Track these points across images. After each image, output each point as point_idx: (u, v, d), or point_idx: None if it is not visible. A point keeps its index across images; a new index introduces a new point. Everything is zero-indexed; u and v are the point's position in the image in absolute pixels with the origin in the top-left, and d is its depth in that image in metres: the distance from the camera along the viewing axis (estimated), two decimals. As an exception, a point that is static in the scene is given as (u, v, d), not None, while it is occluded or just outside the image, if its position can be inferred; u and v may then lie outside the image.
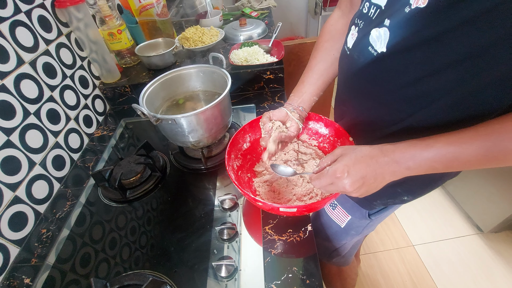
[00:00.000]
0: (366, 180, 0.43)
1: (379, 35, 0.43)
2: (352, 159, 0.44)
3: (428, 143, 0.40)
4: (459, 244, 1.42)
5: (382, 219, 0.71)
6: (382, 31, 0.42)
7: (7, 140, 0.63)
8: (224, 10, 1.52)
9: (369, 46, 0.45)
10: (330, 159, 0.48)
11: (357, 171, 0.43)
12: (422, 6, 0.35)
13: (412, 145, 0.41)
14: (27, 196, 0.67)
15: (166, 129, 0.69)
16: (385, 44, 0.42)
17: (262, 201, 0.51)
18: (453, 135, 0.39)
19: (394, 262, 1.39)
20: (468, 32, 0.34)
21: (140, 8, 1.06)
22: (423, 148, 0.40)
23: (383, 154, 0.43)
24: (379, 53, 0.43)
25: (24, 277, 0.59)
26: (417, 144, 0.41)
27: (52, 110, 0.77)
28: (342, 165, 0.44)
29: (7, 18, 0.65)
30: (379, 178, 0.43)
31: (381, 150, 0.43)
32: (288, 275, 0.52)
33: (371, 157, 0.43)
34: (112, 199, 0.71)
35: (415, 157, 0.40)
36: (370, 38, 0.44)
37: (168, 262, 0.58)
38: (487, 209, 1.37)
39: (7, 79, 0.65)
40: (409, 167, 0.41)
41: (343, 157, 0.46)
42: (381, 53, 0.43)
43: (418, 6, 0.36)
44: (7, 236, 0.61)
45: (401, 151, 0.41)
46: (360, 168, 0.43)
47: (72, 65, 0.86)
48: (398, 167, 0.42)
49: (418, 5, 0.36)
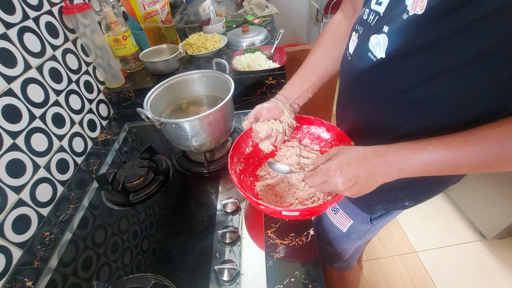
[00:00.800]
0: (359, 180, 0.44)
1: (378, 41, 0.43)
2: (345, 158, 0.45)
3: (420, 145, 0.40)
4: (462, 251, 1.41)
5: (384, 224, 0.71)
6: (381, 37, 0.42)
7: (12, 143, 0.64)
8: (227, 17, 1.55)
9: (369, 52, 0.46)
10: (325, 158, 0.49)
11: (350, 170, 0.44)
12: (420, 13, 0.36)
13: (404, 147, 0.41)
14: (31, 199, 0.67)
15: (169, 133, 0.70)
16: (384, 50, 0.42)
17: (265, 205, 0.52)
18: (444, 139, 0.39)
19: (397, 268, 1.38)
20: (462, 40, 0.34)
21: (145, 15, 1.08)
22: (415, 151, 0.40)
23: (376, 155, 0.43)
24: (378, 59, 0.44)
25: (26, 280, 0.59)
26: (409, 146, 0.41)
27: (57, 114, 0.78)
28: (335, 163, 0.45)
29: (15, 24, 0.67)
30: (371, 178, 0.43)
31: (374, 151, 0.44)
32: (290, 280, 0.52)
33: (364, 157, 0.44)
34: (115, 202, 0.72)
35: (407, 159, 0.41)
36: (370, 44, 0.45)
37: (170, 265, 0.58)
38: (490, 215, 1.36)
39: (14, 84, 0.66)
40: (401, 169, 0.41)
41: (336, 156, 0.47)
42: (380, 59, 0.43)
43: (416, 13, 0.36)
44: (10, 238, 0.62)
45: (394, 153, 0.42)
46: (353, 168, 0.44)
47: (78, 70, 0.88)
48: (391, 169, 0.42)
49: (416, 12, 0.36)
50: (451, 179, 0.54)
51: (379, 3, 0.44)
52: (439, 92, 0.40)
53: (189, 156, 0.82)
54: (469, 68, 0.36)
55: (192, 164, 0.78)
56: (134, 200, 0.71)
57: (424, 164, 0.40)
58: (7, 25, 0.65)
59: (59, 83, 0.80)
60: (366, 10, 0.48)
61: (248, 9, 1.53)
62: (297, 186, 0.65)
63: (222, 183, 0.74)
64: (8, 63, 0.65)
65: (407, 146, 0.41)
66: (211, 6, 1.44)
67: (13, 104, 0.65)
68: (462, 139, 0.38)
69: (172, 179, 0.77)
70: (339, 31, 0.62)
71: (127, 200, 0.70)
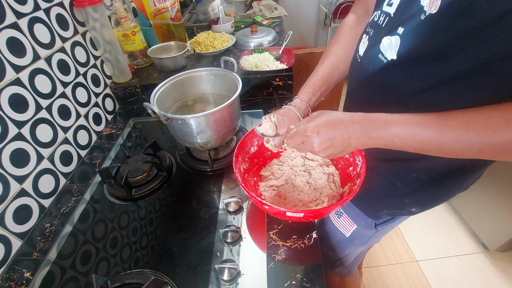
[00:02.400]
0: (333, 143, 0.45)
1: (390, 43, 0.43)
2: (323, 120, 0.46)
3: (394, 118, 0.41)
4: (464, 262, 1.39)
5: (388, 230, 0.70)
6: (394, 39, 0.42)
7: (18, 132, 0.64)
8: (236, 17, 1.55)
9: (379, 54, 0.45)
10: (307, 120, 0.49)
11: (326, 132, 0.45)
12: (434, 12, 0.35)
13: (379, 117, 0.42)
14: (33, 190, 0.67)
15: (175, 129, 0.69)
16: (395, 51, 0.42)
17: (269, 205, 0.51)
18: (418, 116, 0.39)
19: (397, 277, 1.36)
20: (472, 44, 0.34)
21: (155, 12, 1.09)
22: (387, 122, 0.41)
23: (352, 121, 0.44)
24: (389, 60, 0.43)
25: (25, 270, 0.59)
26: (384, 117, 0.42)
27: (63, 106, 0.78)
28: (313, 125, 0.46)
29: (26, 14, 0.67)
30: (345, 142, 0.45)
31: (352, 116, 0.45)
32: (291, 282, 0.51)
33: (341, 121, 0.45)
34: (117, 196, 0.71)
35: (378, 129, 0.41)
36: (381, 46, 0.45)
37: (170, 262, 0.57)
38: (494, 227, 1.34)
39: (23, 73, 0.66)
40: (371, 137, 0.42)
41: (316, 118, 0.47)
42: (391, 60, 0.43)
43: (431, 12, 0.36)
44: (10, 228, 0.61)
45: (368, 121, 0.43)
46: (329, 130, 0.45)
47: (86, 63, 0.88)
48: (363, 136, 0.43)
49: (431, 11, 0.36)
50: (460, 186, 0.53)
51: (390, 4, 0.44)
52: (449, 96, 0.39)
53: (193, 153, 0.81)
54: (480, 72, 0.35)
55: (196, 162, 0.78)
56: (137, 195, 0.70)
57: (393, 135, 0.40)
58: (18, 15, 0.65)
59: (67, 75, 0.80)
60: (377, 12, 0.48)
61: (257, 10, 1.53)
62: (301, 188, 0.64)
63: (225, 182, 0.73)
64: (17, 52, 0.65)
65: (382, 116, 0.42)
66: (221, 6, 1.45)
67: (20, 93, 0.65)
68: (434, 117, 0.37)
69: (175, 176, 0.77)
70: (356, 33, 0.61)
71: (129, 195, 0.70)
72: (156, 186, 0.72)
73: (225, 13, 1.47)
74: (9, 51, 0.63)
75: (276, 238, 0.59)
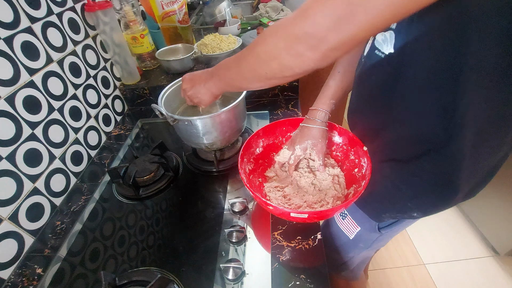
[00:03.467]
0: (195, 83, 0.59)
1: (384, 38, 0.43)
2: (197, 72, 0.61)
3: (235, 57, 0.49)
4: (473, 266, 1.36)
5: (392, 234, 0.69)
6: (388, 34, 0.42)
7: (31, 133, 0.66)
8: (242, 19, 1.56)
9: (376, 50, 0.46)
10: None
11: (191, 75, 0.61)
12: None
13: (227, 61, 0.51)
14: (45, 188, 0.69)
15: (181, 130, 0.70)
16: (392, 45, 0.42)
17: (274, 205, 0.51)
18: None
19: (403, 280, 1.35)
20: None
21: (163, 15, 1.11)
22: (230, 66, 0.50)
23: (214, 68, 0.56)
24: (386, 54, 0.44)
25: (37, 266, 0.61)
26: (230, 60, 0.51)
27: (74, 107, 0.80)
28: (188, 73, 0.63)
29: (40, 18, 0.69)
30: (202, 82, 0.58)
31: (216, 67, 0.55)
32: (295, 283, 0.52)
33: (206, 70, 0.59)
34: (125, 196, 0.73)
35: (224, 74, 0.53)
36: (376, 42, 0.45)
37: (176, 260, 0.59)
38: (504, 230, 1.31)
39: (36, 76, 0.68)
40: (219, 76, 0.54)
41: None
42: (389, 54, 0.43)
43: None
44: (23, 225, 0.63)
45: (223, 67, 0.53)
46: (194, 74, 0.61)
47: (96, 66, 0.90)
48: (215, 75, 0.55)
49: None
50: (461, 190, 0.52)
51: None
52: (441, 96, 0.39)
53: (199, 154, 0.82)
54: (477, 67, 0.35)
55: (202, 162, 0.79)
56: (144, 195, 0.72)
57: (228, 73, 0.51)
58: (32, 19, 0.67)
59: (78, 77, 0.82)
60: None
61: (263, 12, 1.54)
62: (306, 189, 0.64)
63: (230, 183, 0.74)
64: (31, 56, 0.67)
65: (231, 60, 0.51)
66: (227, 8, 1.46)
67: (34, 95, 0.67)
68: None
69: (181, 176, 0.78)
70: None
71: (137, 194, 0.71)
72: (162, 186, 0.74)
73: (232, 15, 1.48)
74: (23, 55, 0.65)
75: (280, 239, 0.59)
